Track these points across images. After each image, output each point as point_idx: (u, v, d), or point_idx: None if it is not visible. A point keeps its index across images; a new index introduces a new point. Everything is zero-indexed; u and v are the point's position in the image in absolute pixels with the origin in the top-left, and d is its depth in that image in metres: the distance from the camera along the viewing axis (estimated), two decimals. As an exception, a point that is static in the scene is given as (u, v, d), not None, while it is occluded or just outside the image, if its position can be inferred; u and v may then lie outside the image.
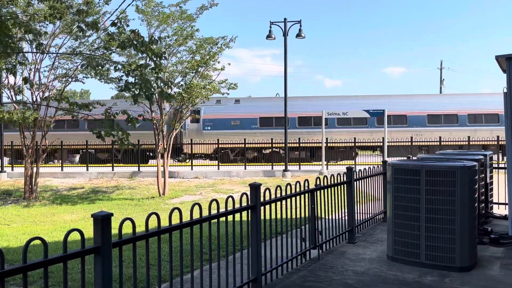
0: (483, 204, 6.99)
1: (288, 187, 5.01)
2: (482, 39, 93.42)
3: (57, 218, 11.34)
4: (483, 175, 6.91)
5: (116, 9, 6.58)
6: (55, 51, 15.07)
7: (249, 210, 4.27)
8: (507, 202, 7.30)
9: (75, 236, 2.65)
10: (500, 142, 20.39)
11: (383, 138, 19.69)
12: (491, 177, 7.72)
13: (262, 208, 4.39)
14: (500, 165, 8.53)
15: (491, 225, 7.04)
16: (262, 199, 4.42)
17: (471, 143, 21.05)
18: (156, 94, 6.01)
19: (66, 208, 13.07)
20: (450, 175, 4.92)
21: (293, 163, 21.14)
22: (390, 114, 21.33)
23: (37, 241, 2.39)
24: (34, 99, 15.30)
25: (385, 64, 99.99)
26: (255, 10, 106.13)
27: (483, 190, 6.98)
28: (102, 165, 21.71)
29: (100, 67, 13.96)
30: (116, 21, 5.64)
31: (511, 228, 4.92)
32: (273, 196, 4.68)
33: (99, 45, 14.32)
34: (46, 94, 15.54)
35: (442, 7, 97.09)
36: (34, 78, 15.14)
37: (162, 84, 6.44)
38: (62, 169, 20.71)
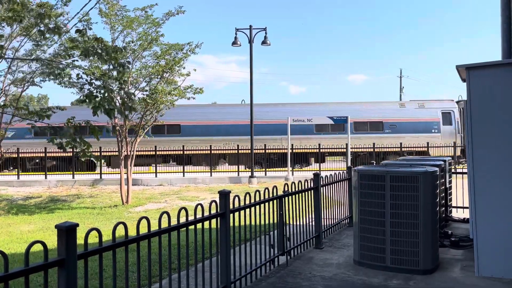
0: (443, 208, 7.24)
1: (257, 194, 5.01)
2: (440, 49, 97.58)
3: (13, 229, 10.81)
4: (443, 180, 7.17)
5: (78, 12, 6.40)
6: (12, 54, 14.45)
7: (218, 218, 4.23)
8: (465, 205, 7.60)
9: (36, 247, 2.52)
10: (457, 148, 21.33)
11: (346, 145, 20.09)
12: (450, 182, 8.02)
13: (231, 215, 4.36)
14: (458, 170, 8.89)
15: (450, 228, 7.30)
16: (231, 206, 4.39)
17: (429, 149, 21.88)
18: (116, 109, 5.87)
19: (23, 218, 12.49)
20: (413, 181, 5.07)
21: (259, 169, 21.19)
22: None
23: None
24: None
25: (348, 72, 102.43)
26: (221, 16, 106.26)
27: (443, 194, 7.24)
28: (62, 172, 20.92)
29: (61, 73, 13.51)
30: (80, 27, 5.48)
31: (472, 231, 5.12)
32: (242, 203, 4.66)
33: (60, 52, 13.84)
34: (2, 99, 14.86)
35: (403, 16, 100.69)
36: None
37: (125, 96, 6.29)
38: (18, 177, 19.82)
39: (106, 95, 5.88)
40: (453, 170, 8.63)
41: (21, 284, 2.61)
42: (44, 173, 20.14)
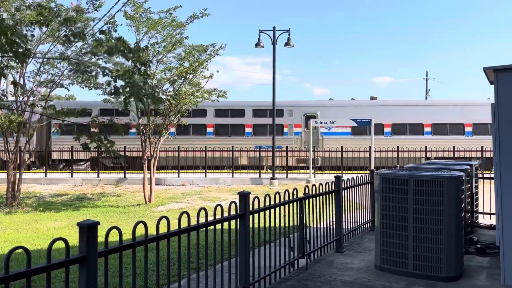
0: (469, 214, 7.05)
1: (277, 196, 4.99)
2: (467, 51, 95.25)
3: (40, 226, 11.10)
4: (469, 185, 6.98)
5: (105, 15, 6.54)
6: (41, 56, 14.86)
7: (238, 219, 4.23)
8: (492, 212, 7.38)
9: (59, 243, 2.58)
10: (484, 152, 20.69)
11: (369, 147, 19.82)
12: (477, 187, 7.80)
13: (250, 216, 4.35)
14: (485, 175, 8.63)
15: (476, 234, 7.10)
16: (250, 207, 4.39)
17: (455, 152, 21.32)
18: (147, 95, 5.97)
19: (50, 215, 12.81)
20: (438, 185, 4.95)
21: (280, 171, 21.11)
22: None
23: (20, 249, 2.32)
24: (19, 103, 15.05)
25: (374, 74, 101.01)
26: (244, 18, 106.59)
27: (469, 199, 7.05)
28: (87, 171, 21.39)
29: (88, 72, 13.85)
30: (104, 29, 5.62)
31: (499, 238, 4.96)
32: (261, 205, 4.65)
33: (86, 51, 14.17)
34: (31, 99, 15.30)
35: (429, 18, 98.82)
36: (20, 82, 14.90)
37: (150, 90, 6.40)
38: (46, 175, 20.36)
39: (133, 89, 5.97)
40: (479, 175, 8.39)
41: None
42: (70, 171, 20.63)
